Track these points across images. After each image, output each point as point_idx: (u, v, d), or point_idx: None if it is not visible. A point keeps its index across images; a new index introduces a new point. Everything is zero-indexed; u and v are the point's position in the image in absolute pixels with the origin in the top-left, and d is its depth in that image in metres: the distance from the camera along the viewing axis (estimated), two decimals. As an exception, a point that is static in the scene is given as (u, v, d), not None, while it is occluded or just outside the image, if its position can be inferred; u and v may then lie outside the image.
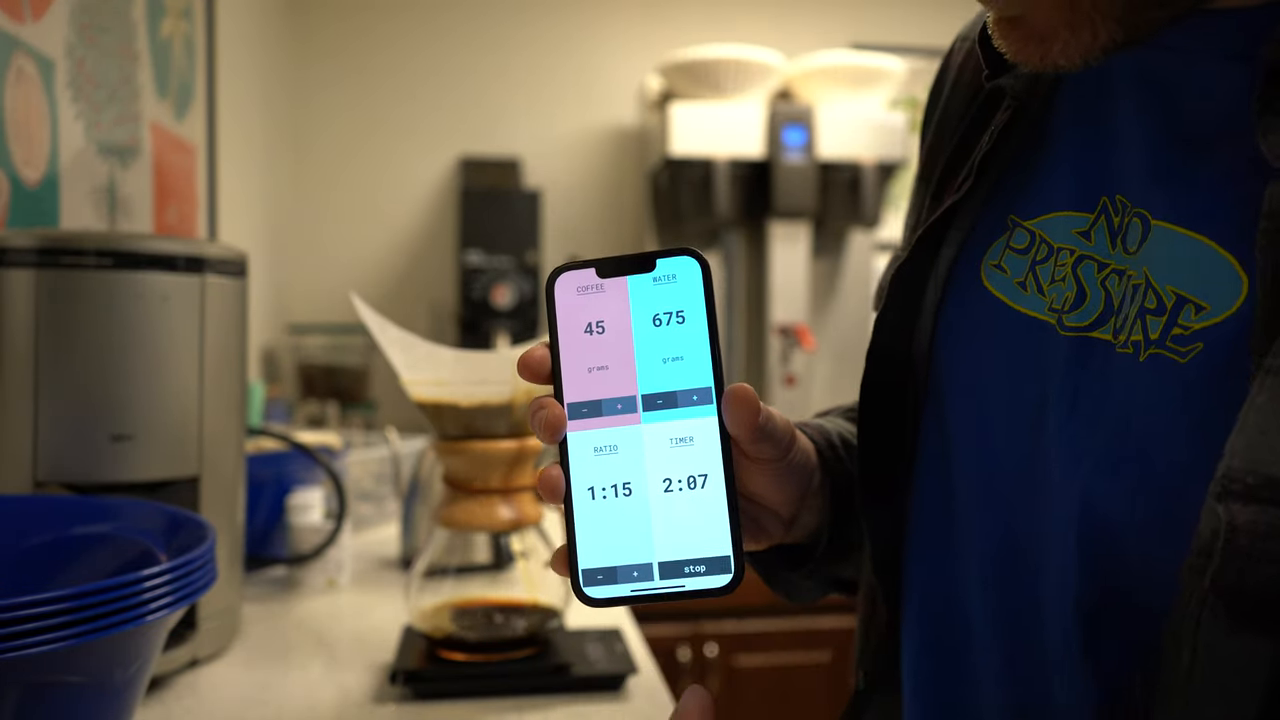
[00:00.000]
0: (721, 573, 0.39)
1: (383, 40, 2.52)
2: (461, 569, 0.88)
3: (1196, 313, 0.38)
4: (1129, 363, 0.40)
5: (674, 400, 0.41)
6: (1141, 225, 0.41)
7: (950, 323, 0.49)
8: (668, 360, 0.41)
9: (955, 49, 0.57)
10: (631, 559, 0.40)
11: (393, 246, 2.54)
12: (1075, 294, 0.43)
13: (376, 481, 1.47)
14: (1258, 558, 0.32)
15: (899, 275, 0.51)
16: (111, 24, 1.22)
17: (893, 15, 2.71)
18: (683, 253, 0.42)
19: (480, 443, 0.83)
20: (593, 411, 0.41)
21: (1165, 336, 0.38)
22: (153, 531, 0.63)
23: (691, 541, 0.40)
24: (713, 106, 2.21)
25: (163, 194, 1.41)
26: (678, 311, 0.41)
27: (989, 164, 0.49)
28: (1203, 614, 0.33)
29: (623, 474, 0.41)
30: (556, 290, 0.42)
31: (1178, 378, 0.38)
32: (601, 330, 0.42)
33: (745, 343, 2.46)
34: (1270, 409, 0.32)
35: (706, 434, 0.41)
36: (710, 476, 0.40)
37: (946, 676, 0.49)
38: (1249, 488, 0.32)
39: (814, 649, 1.93)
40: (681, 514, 0.40)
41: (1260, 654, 0.32)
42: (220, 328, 0.85)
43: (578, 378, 0.41)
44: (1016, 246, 0.46)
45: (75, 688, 0.50)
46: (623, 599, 0.40)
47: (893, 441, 0.53)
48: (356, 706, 0.79)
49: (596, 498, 0.41)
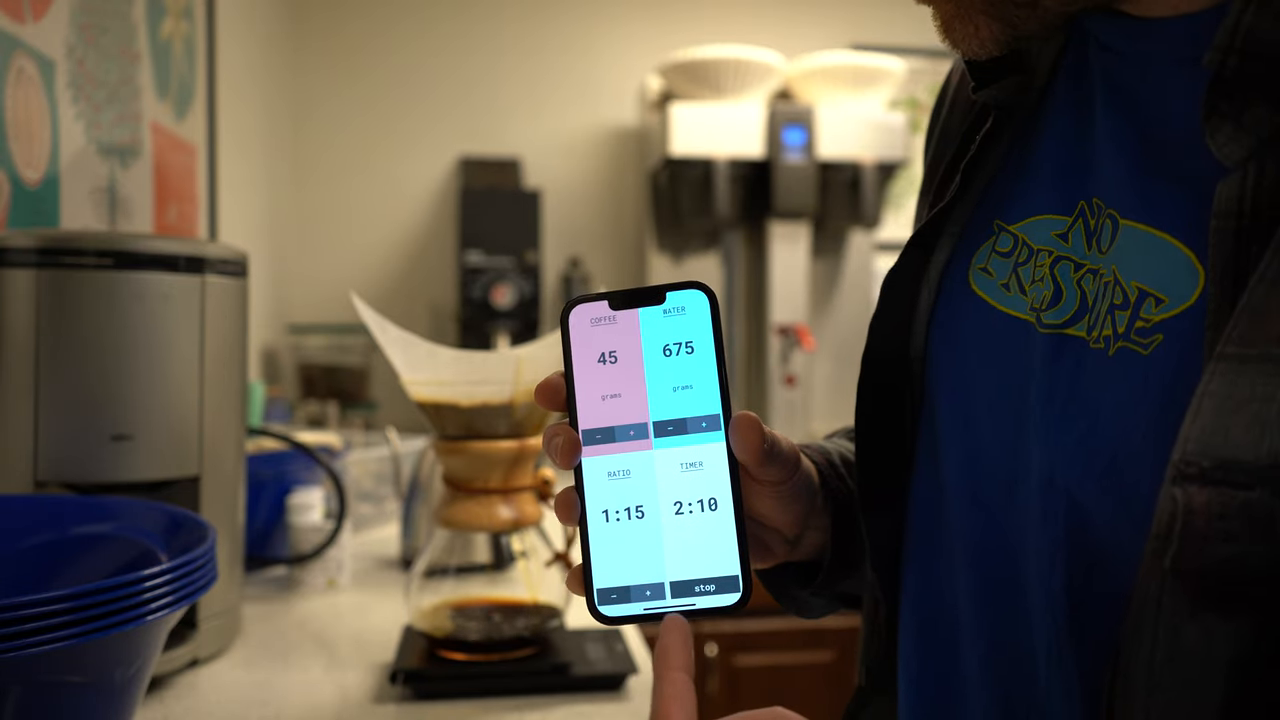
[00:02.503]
0: (731, 591, 0.41)
1: (382, 40, 2.52)
2: (461, 569, 0.88)
3: (1156, 305, 0.39)
4: (1100, 358, 0.41)
5: (684, 427, 0.43)
6: (1112, 225, 0.43)
7: (941, 325, 0.51)
8: (678, 389, 0.43)
9: (955, 67, 0.60)
10: (644, 579, 0.42)
11: (393, 246, 2.54)
12: (1052, 293, 0.45)
13: (376, 481, 1.47)
14: (1214, 538, 0.33)
15: (890, 279, 0.53)
16: (112, 24, 1.22)
17: (893, 15, 2.71)
18: (692, 286, 0.44)
19: (480, 443, 0.83)
20: (606, 438, 0.43)
21: (1130, 330, 0.40)
22: (153, 531, 0.64)
23: (702, 562, 0.41)
24: (713, 106, 2.21)
25: (163, 194, 1.41)
26: (687, 342, 0.43)
27: (977, 171, 0.51)
28: (1163, 597, 0.34)
29: (635, 497, 0.43)
30: (571, 321, 0.44)
31: (1140, 369, 0.39)
32: (614, 360, 0.44)
33: (745, 343, 2.46)
34: (1223, 394, 0.34)
35: (715, 459, 0.43)
36: (719, 499, 0.42)
37: (937, 673, 0.50)
38: (1203, 470, 0.33)
39: (814, 649, 1.93)
40: (692, 535, 0.42)
41: (1222, 635, 0.33)
42: (220, 328, 0.85)
43: (592, 405, 0.43)
44: (1001, 250, 0.48)
45: (75, 688, 0.50)
46: (636, 617, 0.42)
47: (890, 443, 0.54)
48: (356, 706, 0.79)
49: (611, 520, 0.42)
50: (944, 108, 0.59)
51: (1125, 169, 0.43)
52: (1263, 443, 0.32)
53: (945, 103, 0.59)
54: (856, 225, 2.33)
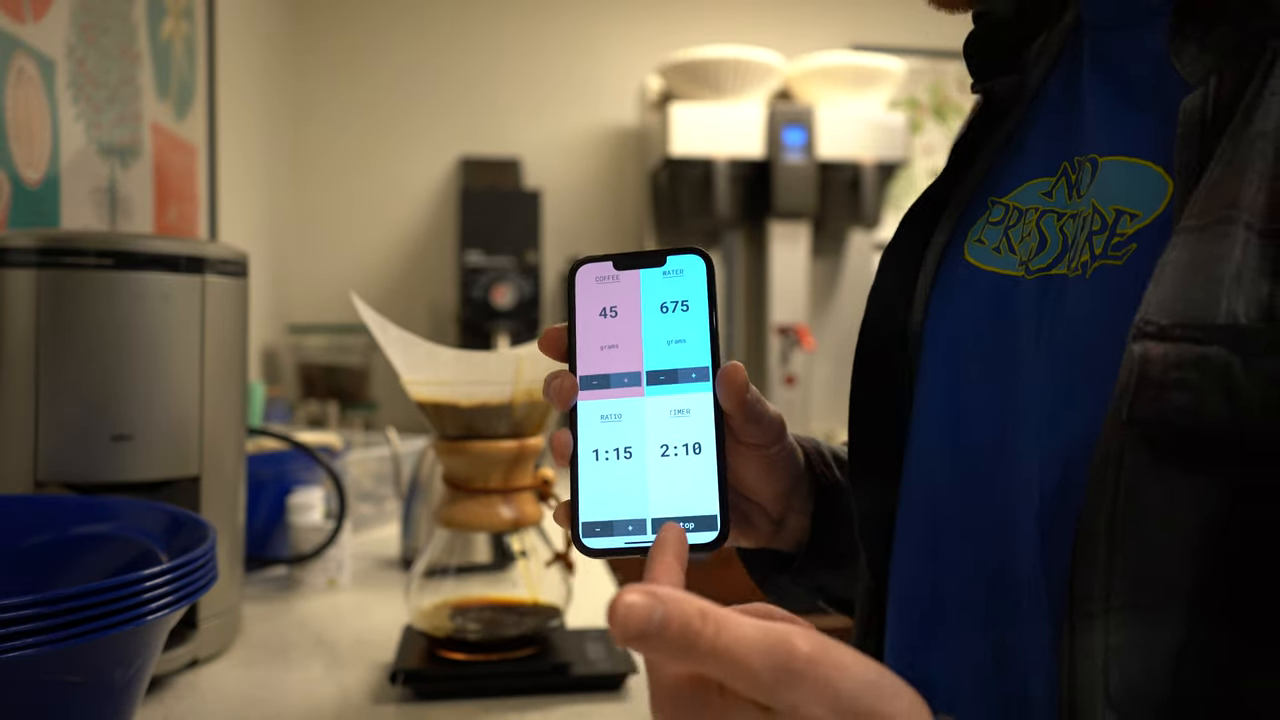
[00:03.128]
0: (709, 530, 0.43)
1: (382, 41, 2.52)
2: (461, 569, 0.88)
3: (1131, 220, 0.41)
4: (1078, 283, 0.42)
5: (675, 377, 0.45)
6: (1092, 167, 0.44)
7: (936, 299, 0.52)
8: (671, 342, 0.46)
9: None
10: (628, 514, 0.44)
11: (393, 246, 2.54)
12: (1038, 243, 0.46)
13: (376, 481, 1.47)
14: (1169, 385, 0.33)
15: (886, 255, 0.54)
16: (112, 24, 1.22)
17: (893, 16, 2.71)
18: (691, 251, 0.47)
19: (480, 443, 0.83)
20: (602, 384, 0.46)
21: (1106, 249, 0.41)
22: (153, 531, 0.64)
23: (683, 501, 0.43)
24: (713, 107, 2.21)
25: (163, 194, 1.41)
26: (683, 301, 0.46)
27: (977, 156, 0.53)
28: (1124, 455, 0.34)
29: (625, 439, 0.45)
30: (578, 278, 0.47)
31: (1116, 280, 0.40)
32: (614, 314, 0.47)
33: (745, 343, 2.46)
34: (1181, 261, 0.34)
35: (702, 407, 0.45)
36: (703, 444, 0.44)
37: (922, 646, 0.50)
38: (1161, 328, 0.34)
39: (814, 649, 1.93)
40: (676, 477, 0.44)
41: (1188, 494, 0.33)
42: (220, 328, 0.85)
43: (591, 354, 0.46)
44: (994, 220, 0.50)
45: (75, 688, 0.50)
46: (618, 550, 0.43)
47: (884, 419, 0.54)
48: (356, 706, 0.79)
49: (600, 459, 0.45)
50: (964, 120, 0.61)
51: (1105, 118, 0.45)
52: (1219, 303, 0.33)
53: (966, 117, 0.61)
54: (856, 225, 2.33)
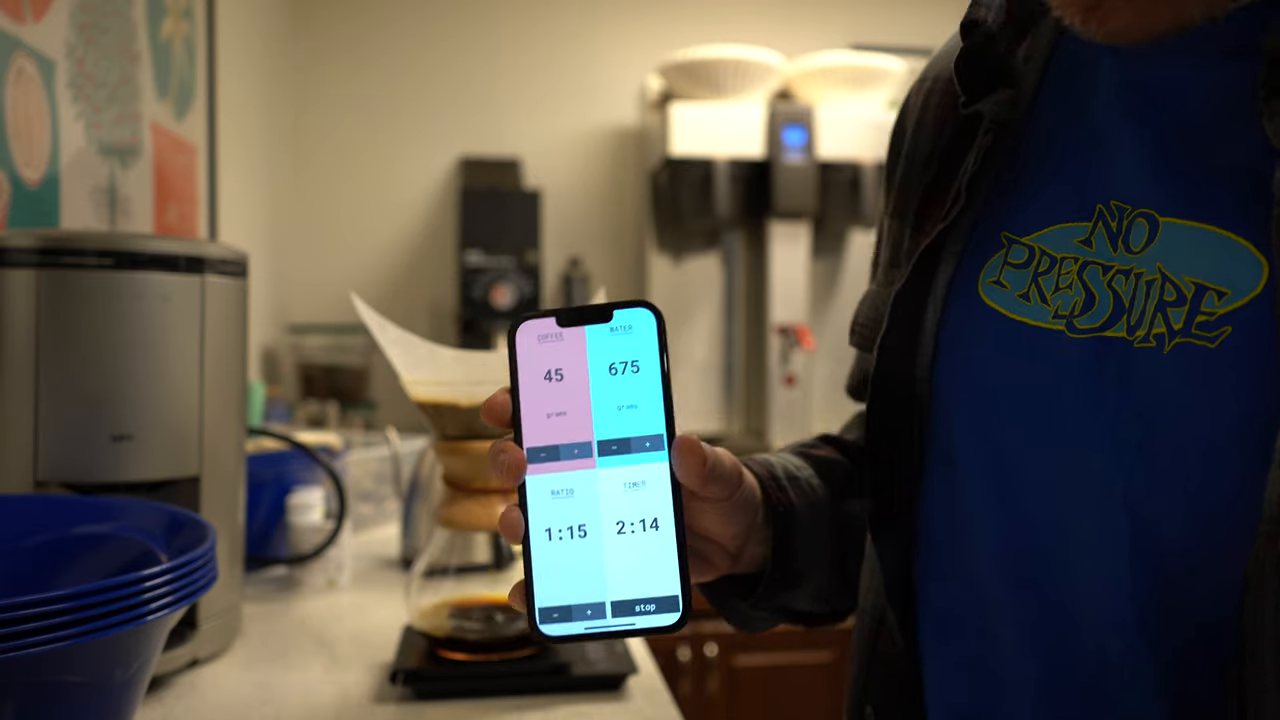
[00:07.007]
0: (670, 611, 0.41)
1: (383, 41, 2.52)
2: (461, 569, 0.88)
3: (1220, 298, 0.39)
4: (1152, 356, 0.41)
5: (628, 446, 0.43)
6: (1148, 224, 0.42)
7: (952, 341, 0.50)
8: (622, 407, 0.43)
9: (914, 91, 0.60)
10: (586, 598, 0.42)
11: (393, 246, 2.54)
12: (1084, 299, 0.44)
13: (376, 481, 1.47)
14: None
15: (899, 298, 0.52)
16: (112, 24, 1.22)
17: (893, 15, 2.71)
18: (639, 305, 0.43)
19: (480, 443, 0.83)
20: (550, 456, 0.43)
21: (1190, 325, 0.40)
22: (153, 531, 0.64)
23: (642, 582, 0.42)
24: (713, 107, 2.21)
25: (163, 194, 1.41)
26: (633, 361, 0.43)
27: (975, 186, 0.50)
28: None
29: (578, 516, 0.42)
30: (518, 339, 0.44)
31: (1207, 363, 0.39)
32: (560, 378, 0.44)
33: (745, 343, 2.46)
34: None
35: (658, 479, 0.43)
36: (661, 519, 0.42)
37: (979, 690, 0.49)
38: None
39: (814, 649, 1.93)
40: (633, 555, 0.42)
41: None
42: (220, 328, 0.85)
43: (537, 423, 0.43)
44: (1015, 261, 0.48)
45: (75, 688, 0.50)
46: (577, 636, 0.42)
47: (897, 465, 0.53)
48: (356, 706, 0.79)
49: (553, 539, 0.42)
50: (907, 131, 0.59)
51: (1153, 166, 0.43)
52: None
53: (909, 126, 0.59)
54: (856, 225, 2.33)
